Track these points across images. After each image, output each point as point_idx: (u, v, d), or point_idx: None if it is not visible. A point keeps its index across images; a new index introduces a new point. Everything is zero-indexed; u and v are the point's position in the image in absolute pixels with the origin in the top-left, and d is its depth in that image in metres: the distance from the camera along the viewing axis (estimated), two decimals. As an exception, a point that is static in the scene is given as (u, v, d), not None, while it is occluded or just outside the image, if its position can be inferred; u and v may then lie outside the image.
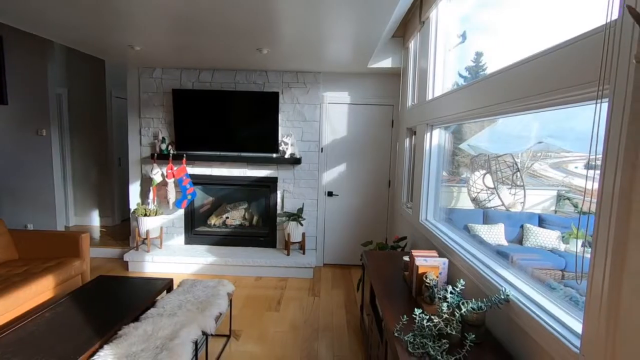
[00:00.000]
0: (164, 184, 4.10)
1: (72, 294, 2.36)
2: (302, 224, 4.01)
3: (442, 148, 2.85)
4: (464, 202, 3.46)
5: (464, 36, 2.72)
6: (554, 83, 1.23)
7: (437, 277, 1.90)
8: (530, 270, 1.68)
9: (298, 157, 4.08)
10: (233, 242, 4.33)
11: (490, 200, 3.32)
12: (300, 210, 4.11)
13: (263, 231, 4.37)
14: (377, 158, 4.22)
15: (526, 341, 1.37)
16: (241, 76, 4.11)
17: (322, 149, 4.20)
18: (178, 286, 2.54)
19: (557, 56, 1.23)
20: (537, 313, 1.31)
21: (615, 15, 0.97)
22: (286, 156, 4.06)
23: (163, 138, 4.11)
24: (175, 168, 4.03)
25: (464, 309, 1.52)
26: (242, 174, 4.23)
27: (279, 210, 4.26)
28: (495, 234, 3.08)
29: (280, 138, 4.12)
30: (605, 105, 0.99)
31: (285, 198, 4.26)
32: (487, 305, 1.52)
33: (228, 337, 2.67)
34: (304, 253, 4.14)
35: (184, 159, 4.04)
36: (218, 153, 4.12)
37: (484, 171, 3.34)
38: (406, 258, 2.36)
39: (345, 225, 4.32)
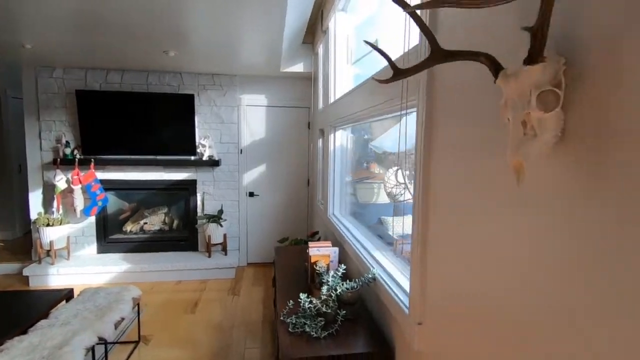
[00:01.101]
0: (69, 190, 3.84)
1: (-52, 314, 2.17)
2: (221, 225, 4.04)
3: (345, 148, 3.09)
4: (384, 198, 3.77)
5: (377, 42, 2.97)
6: (384, 96, 1.47)
7: (328, 264, 2.10)
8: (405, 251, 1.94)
9: (217, 159, 4.10)
10: (152, 248, 4.21)
11: (402, 195, 3.67)
12: (220, 211, 4.14)
13: (184, 235, 4.31)
14: (296, 158, 4.40)
15: (384, 311, 1.61)
16: (154, 77, 4.01)
17: (241, 150, 4.26)
18: (78, 295, 2.45)
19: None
20: (390, 286, 1.55)
21: (416, 41, 1.21)
22: (204, 158, 4.06)
23: (67, 142, 3.86)
24: (82, 173, 3.81)
25: (339, 290, 1.73)
26: (158, 178, 4.13)
27: (199, 213, 4.23)
28: (402, 225, 3.40)
29: (197, 140, 4.10)
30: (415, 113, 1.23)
31: (206, 200, 4.24)
32: (359, 285, 1.74)
33: (137, 342, 2.63)
34: (225, 254, 4.16)
35: (92, 163, 3.84)
36: (131, 157, 3.98)
37: (397, 167, 3.68)
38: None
39: (267, 224, 4.43)
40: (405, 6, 0.53)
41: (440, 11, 1.10)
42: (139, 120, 3.94)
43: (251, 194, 4.36)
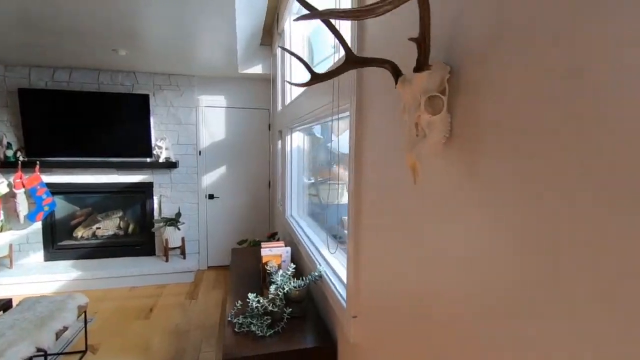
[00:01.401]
0: (12, 195, 3.62)
1: None
2: (179, 229, 3.95)
3: (302, 149, 3.13)
4: (347, 198, 3.84)
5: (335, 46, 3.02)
6: (325, 99, 1.52)
7: (279, 264, 2.12)
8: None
9: (174, 160, 4.01)
10: (105, 254, 4.04)
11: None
12: (178, 214, 4.05)
13: (140, 239, 4.17)
14: (257, 160, 4.39)
15: (329, 307, 1.66)
16: (105, 76, 3.87)
17: (200, 152, 4.20)
18: (17, 305, 2.32)
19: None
20: (334, 282, 1.60)
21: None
22: (161, 160, 3.96)
23: (9, 143, 3.63)
24: (25, 177, 3.60)
25: (286, 288, 1.76)
26: (112, 181, 3.98)
27: (156, 216, 4.11)
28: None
29: (153, 142, 3.99)
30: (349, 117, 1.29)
31: (163, 203, 4.14)
32: (306, 283, 1.78)
33: (84, 352, 2.53)
34: (184, 258, 4.08)
35: (37, 166, 3.63)
36: (82, 159, 3.81)
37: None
38: (263, 251, 2.55)
39: (228, 226, 4.39)
40: (308, 15, 0.57)
41: (367, 21, 1.16)
42: (90, 121, 3.78)
43: (211, 196, 4.30)
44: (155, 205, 4.11)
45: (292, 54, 0.87)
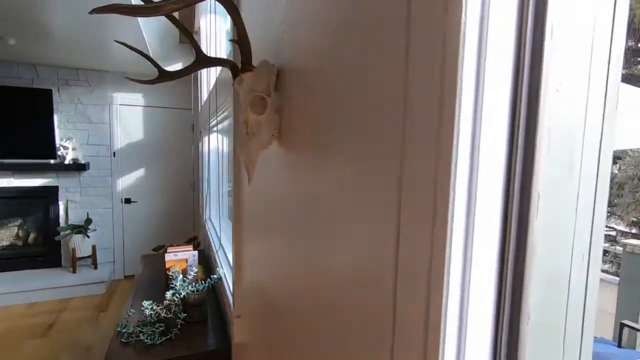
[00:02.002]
0: None
1: None
2: (88, 236, 3.65)
3: (221, 151, 3.06)
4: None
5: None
6: (220, 101, 1.51)
7: (184, 268, 2.05)
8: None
9: (83, 162, 3.69)
10: (1, 267, 3.59)
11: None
12: (88, 221, 3.73)
13: (42, 249, 3.77)
14: (179, 162, 4.21)
15: (226, 311, 1.64)
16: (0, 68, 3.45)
17: (114, 153, 3.91)
18: None
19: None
20: (229, 283, 1.59)
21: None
22: (67, 162, 3.62)
23: None
24: None
25: (183, 293, 1.70)
26: (6, 185, 3.55)
27: (62, 224, 3.75)
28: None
29: (58, 142, 3.64)
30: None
31: (71, 209, 3.78)
32: (205, 286, 1.74)
33: (-43, 380, 2.22)
34: (95, 268, 3.77)
35: None
36: (-34, 160, 3.35)
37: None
38: (173, 256, 2.45)
39: (149, 232, 4.14)
40: (95, 10, 0.56)
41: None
42: (-22, 118, 3.34)
43: (128, 201, 4.03)
44: (62, 212, 3.75)
45: (135, 50, 0.85)
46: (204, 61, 0.84)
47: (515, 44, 0.26)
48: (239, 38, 0.64)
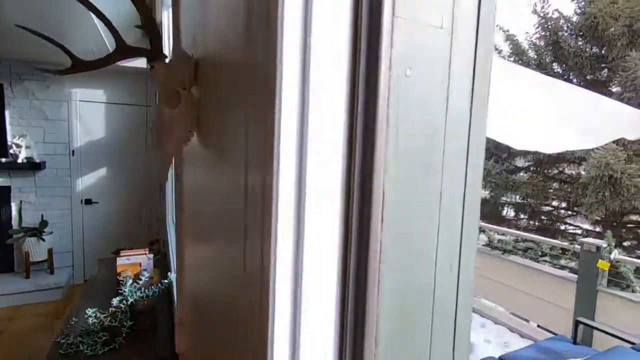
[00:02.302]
0: None
1: None
2: (44, 240, 3.45)
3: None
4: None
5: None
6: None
7: (137, 273, 1.95)
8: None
9: (38, 161, 3.49)
10: (-57, 274, 3.34)
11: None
12: (43, 223, 3.53)
13: (-8, 254, 3.54)
14: (145, 161, 4.05)
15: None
16: (-58, 59, 3.21)
17: (73, 152, 3.72)
18: None
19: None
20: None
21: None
22: (20, 160, 3.41)
23: None
24: None
25: (131, 299, 1.61)
26: (-49, 185, 3.31)
27: (15, 226, 3.53)
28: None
29: (10, 139, 3.42)
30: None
31: (25, 210, 3.57)
32: (155, 292, 1.65)
33: None
34: (52, 272, 3.57)
35: None
36: None
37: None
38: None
39: (111, 234, 3.96)
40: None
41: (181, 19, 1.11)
42: None
43: (88, 201, 3.84)
44: (14, 213, 3.53)
45: (37, 34, 0.77)
46: (122, 51, 0.77)
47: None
48: (145, 24, 0.58)
